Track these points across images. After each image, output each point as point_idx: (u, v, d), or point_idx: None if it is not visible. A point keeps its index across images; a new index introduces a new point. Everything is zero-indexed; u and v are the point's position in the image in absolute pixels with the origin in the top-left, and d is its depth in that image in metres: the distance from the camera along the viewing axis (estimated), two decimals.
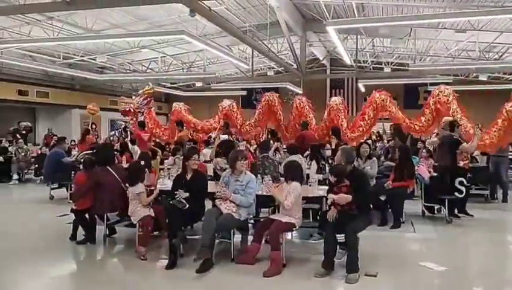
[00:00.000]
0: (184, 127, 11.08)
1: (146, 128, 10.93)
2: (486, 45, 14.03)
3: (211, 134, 11.24)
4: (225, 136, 9.93)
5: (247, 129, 11.25)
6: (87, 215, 5.90)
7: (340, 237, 4.53)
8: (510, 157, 10.17)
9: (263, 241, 5.07)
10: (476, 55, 13.86)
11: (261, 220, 5.55)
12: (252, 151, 9.21)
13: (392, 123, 10.23)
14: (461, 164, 7.75)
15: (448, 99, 8.08)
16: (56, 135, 12.95)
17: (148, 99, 10.81)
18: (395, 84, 20.09)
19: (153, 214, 5.35)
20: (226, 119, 11.38)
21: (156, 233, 5.60)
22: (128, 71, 18.30)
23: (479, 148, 8.30)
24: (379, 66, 18.89)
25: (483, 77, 17.48)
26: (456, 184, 6.88)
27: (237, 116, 11.52)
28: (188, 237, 5.18)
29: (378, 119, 10.10)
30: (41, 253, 5.55)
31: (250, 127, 11.32)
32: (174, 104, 11.81)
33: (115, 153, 8.66)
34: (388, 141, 11.49)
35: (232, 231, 5.13)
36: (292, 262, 5.02)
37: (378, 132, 16.42)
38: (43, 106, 17.95)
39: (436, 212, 7.63)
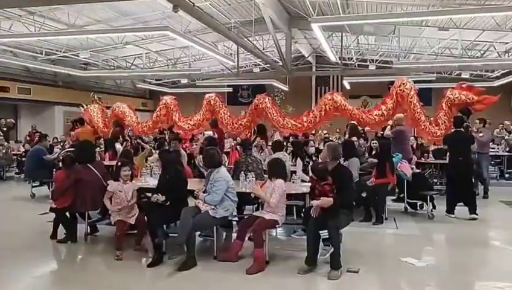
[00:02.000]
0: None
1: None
2: (468, 43, 14.21)
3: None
4: (209, 133, 9.86)
5: (237, 129, 10.48)
6: (67, 214, 5.81)
7: (324, 233, 4.54)
8: (491, 154, 10.36)
9: (246, 239, 5.06)
10: (459, 53, 14.01)
11: (245, 217, 5.54)
12: (238, 148, 9.16)
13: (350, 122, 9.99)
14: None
15: (409, 93, 8.10)
16: (40, 132, 12.72)
17: None
18: (380, 82, 20.26)
19: (130, 221, 5.30)
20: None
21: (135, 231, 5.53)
22: (112, 67, 18.08)
23: (437, 143, 8.48)
24: (364, 63, 19.01)
25: (465, 75, 17.69)
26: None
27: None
28: (170, 234, 5.14)
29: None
30: (21, 252, 5.46)
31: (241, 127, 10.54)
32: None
33: (97, 150, 8.61)
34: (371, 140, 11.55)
35: (215, 228, 5.11)
36: (275, 259, 5.03)
37: (363, 130, 16.54)
38: (25, 103, 17.64)
39: (418, 208, 7.71)
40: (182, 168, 5.69)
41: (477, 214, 7.07)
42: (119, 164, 5.59)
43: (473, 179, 8.11)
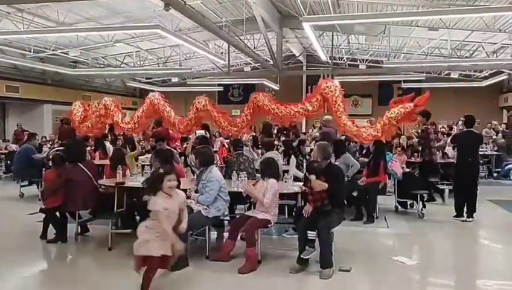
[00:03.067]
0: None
1: None
2: (458, 43, 14.35)
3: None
4: (201, 132, 9.80)
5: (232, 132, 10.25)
6: (57, 214, 5.76)
7: (311, 234, 4.56)
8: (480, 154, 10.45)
9: (238, 238, 5.06)
10: (448, 53, 14.15)
11: (237, 217, 5.53)
12: (227, 147, 9.14)
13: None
14: None
15: (334, 95, 8.26)
16: (27, 131, 12.57)
17: None
18: (370, 81, 20.40)
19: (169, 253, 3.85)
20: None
21: (129, 231, 5.49)
22: (102, 66, 17.94)
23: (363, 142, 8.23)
24: (354, 63, 19.10)
25: (454, 75, 17.88)
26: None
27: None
28: None
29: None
30: (10, 252, 5.40)
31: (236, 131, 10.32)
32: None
33: (88, 149, 8.54)
34: None
35: (207, 228, 5.10)
36: (268, 258, 5.03)
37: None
38: (13, 101, 17.43)
39: (409, 207, 7.77)
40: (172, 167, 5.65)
41: (473, 218, 6.98)
42: (161, 170, 4.05)
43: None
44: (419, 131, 8.37)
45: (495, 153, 12.00)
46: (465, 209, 7.04)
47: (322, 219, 4.58)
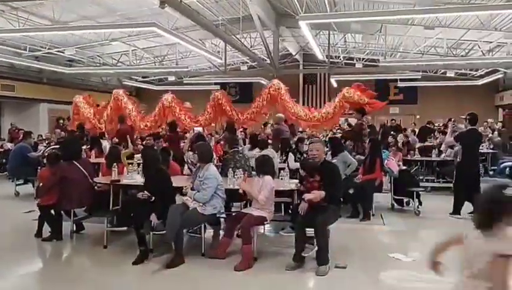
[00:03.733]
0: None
1: None
2: (453, 42, 14.39)
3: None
4: (199, 129, 9.79)
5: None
6: (52, 212, 5.73)
7: (310, 232, 4.56)
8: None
9: (235, 235, 5.05)
10: (444, 52, 14.18)
11: (233, 214, 5.52)
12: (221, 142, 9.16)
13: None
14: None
15: (280, 93, 9.14)
16: (22, 129, 12.50)
17: None
18: (367, 80, 20.34)
19: None
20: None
21: (124, 228, 5.47)
22: (98, 64, 17.89)
23: (314, 127, 9.39)
24: (351, 61, 19.11)
25: (450, 73, 17.93)
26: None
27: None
28: (158, 232, 5.08)
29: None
30: (6, 251, 5.38)
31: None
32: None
33: (83, 147, 8.51)
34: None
35: (203, 225, 5.09)
36: (264, 256, 5.02)
37: (349, 124, 16.64)
38: (9, 100, 17.34)
39: (405, 205, 7.79)
40: (163, 166, 5.65)
41: None
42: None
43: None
44: (352, 125, 9.06)
45: (491, 151, 12.04)
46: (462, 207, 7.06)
47: (318, 216, 4.58)
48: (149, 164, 5.14)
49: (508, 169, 11.02)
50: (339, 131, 12.75)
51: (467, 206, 7.12)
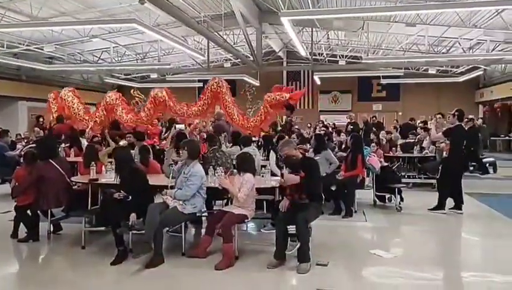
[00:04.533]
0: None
1: None
2: (435, 39, 14.53)
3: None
4: (181, 126, 9.68)
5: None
6: (29, 212, 5.59)
7: (292, 229, 4.53)
8: None
9: (215, 234, 4.99)
10: (426, 49, 14.31)
11: (214, 212, 5.46)
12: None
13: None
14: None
15: (222, 91, 9.41)
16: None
17: None
18: (350, 77, 20.52)
19: None
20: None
21: (103, 228, 5.36)
22: (78, 61, 17.59)
23: (247, 130, 9.33)
24: (334, 58, 19.18)
25: (432, 70, 18.12)
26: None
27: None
28: (136, 232, 4.99)
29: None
30: None
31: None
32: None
33: (62, 146, 8.34)
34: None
35: (183, 224, 5.02)
36: (245, 254, 4.98)
37: (334, 124, 16.73)
38: None
39: (387, 201, 7.82)
40: (143, 164, 5.56)
41: (462, 210, 7.11)
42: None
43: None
44: (284, 123, 9.31)
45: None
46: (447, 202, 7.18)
47: (299, 213, 4.55)
48: (121, 164, 5.03)
49: (487, 165, 11.17)
50: (323, 129, 12.78)
51: (449, 202, 7.24)
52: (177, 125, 9.62)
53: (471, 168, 12.10)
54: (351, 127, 11.00)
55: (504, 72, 18.06)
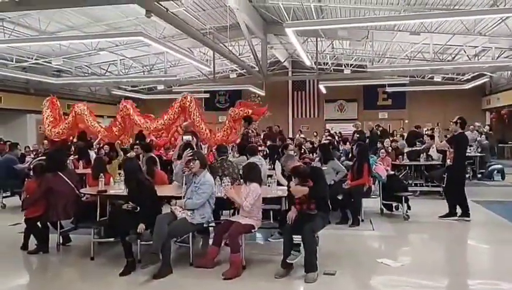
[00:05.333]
0: None
1: None
2: (440, 47, 14.55)
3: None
4: (188, 137, 9.75)
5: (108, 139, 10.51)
6: (39, 224, 5.65)
7: (297, 239, 4.54)
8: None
9: (223, 244, 5.01)
10: (431, 57, 14.33)
11: (222, 223, 5.49)
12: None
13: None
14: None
15: (190, 105, 10.07)
16: (8, 141, 12.34)
17: None
18: (355, 86, 20.55)
19: None
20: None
21: (111, 239, 5.40)
22: (86, 74, 17.80)
23: (215, 143, 9.72)
24: (339, 67, 19.24)
25: (438, 78, 18.11)
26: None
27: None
28: (145, 243, 5.03)
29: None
30: None
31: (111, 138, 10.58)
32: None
33: (71, 158, 8.43)
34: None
35: (191, 234, 5.05)
36: (252, 263, 4.99)
37: (340, 133, 16.75)
38: None
39: (394, 209, 7.80)
40: (149, 175, 5.62)
41: (469, 217, 7.11)
42: None
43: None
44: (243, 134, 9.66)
45: (479, 154, 12.13)
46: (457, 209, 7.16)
47: (306, 223, 4.57)
48: (129, 176, 5.09)
49: (495, 172, 11.12)
50: (328, 138, 12.80)
51: (458, 209, 7.20)
52: (184, 137, 9.70)
53: (479, 175, 12.08)
54: (357, 135, 11.00)
55: (510, 79, 18.00)
